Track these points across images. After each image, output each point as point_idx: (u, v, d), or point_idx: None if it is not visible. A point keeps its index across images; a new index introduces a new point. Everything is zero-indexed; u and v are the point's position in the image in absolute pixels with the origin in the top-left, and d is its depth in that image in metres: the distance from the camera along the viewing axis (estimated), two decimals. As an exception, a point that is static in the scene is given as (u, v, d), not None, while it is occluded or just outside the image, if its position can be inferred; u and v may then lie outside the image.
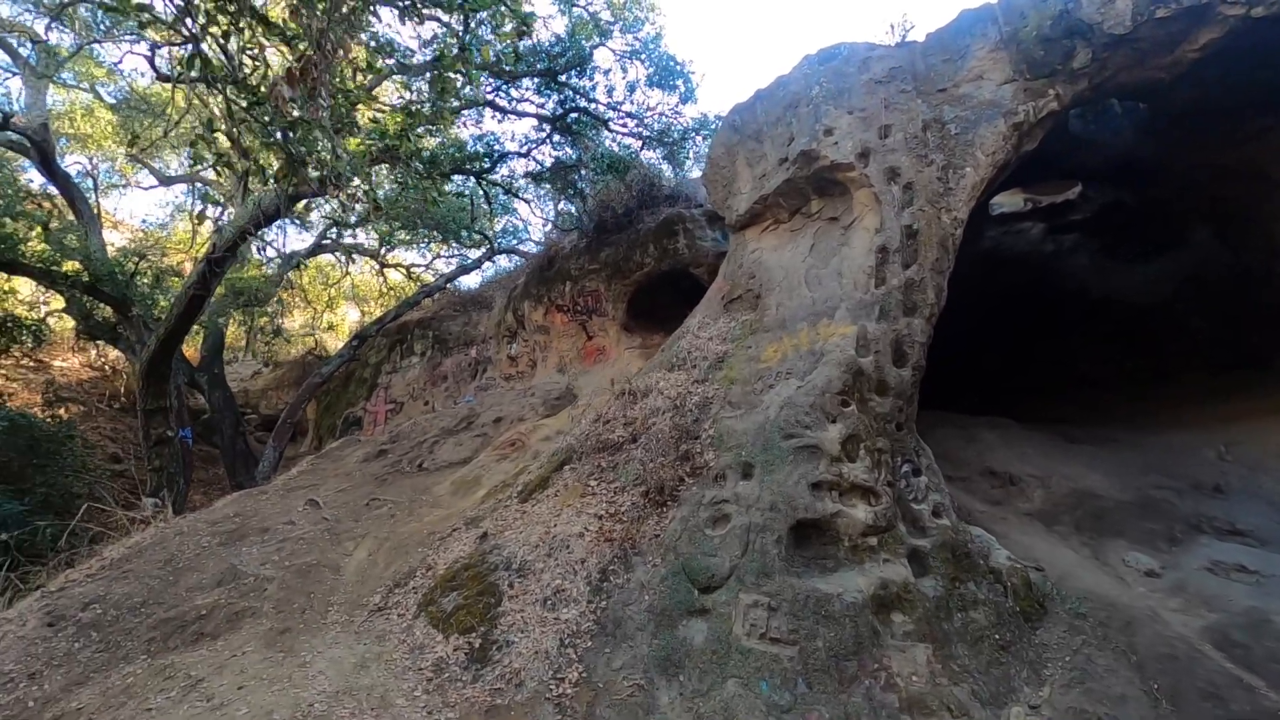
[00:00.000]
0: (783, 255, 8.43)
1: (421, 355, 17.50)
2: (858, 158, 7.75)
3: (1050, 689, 4.71)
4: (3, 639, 6.02)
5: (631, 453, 7.10)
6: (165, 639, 5.91)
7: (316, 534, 8.07)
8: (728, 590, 5.35)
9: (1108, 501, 7.36)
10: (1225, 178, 9.15)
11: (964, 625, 5.22)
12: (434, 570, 6.59)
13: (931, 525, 5.90)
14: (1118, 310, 12.12)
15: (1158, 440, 8.90)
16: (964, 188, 7.30)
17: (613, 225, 13.30)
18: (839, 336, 6.80)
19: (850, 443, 6.05)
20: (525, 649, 5.21)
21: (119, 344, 13.24)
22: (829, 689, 4.66)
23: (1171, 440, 8.81)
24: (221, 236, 10.09)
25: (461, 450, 11.17)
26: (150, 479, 11.33)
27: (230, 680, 4.91)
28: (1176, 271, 11.65)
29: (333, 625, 5.95)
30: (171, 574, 7.26)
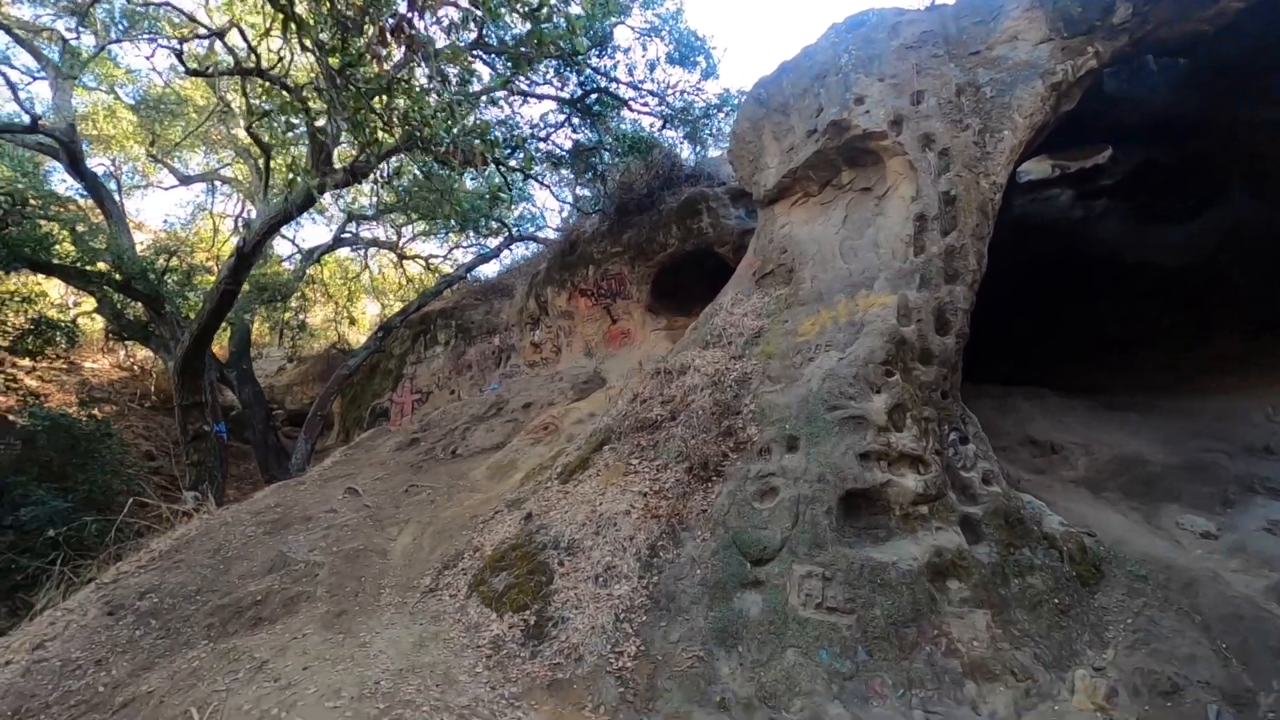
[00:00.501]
0: (814, 228, 8.33)
1: (445, 345, 17.59)
2: (890, 125, 7.63)
3: (1114, 651, 4.67)
4: (66, 628, 6.14)
5: (672, 430, 7.09)
6: (224, 624, 6.01)
7: (359, 521, 8.15)
8: (780, 562, 5.34)
9: (1155, 466, 7.26)
10: (1265, 133, 8.90)
11: (1021, 591, 5.18)
12: (481, 552, 6.64)
13: (982, 492, 5.85)
14: (1151, 273, 11.88)
15: (1202, 404, 8.75)
16: (1002, 151, 7.17)
17: (634, 207, 13.22)
18: (879, 306, 6.73)
19: (896, 412, 6.00)
20: (581, 624, 5.25)
21: (150, 342, 13.40)
22: (890, 656, 4.65)
23: (1216, 404, 8.65)
24: (250, 230, 10.14)
25: (493, 436, 11.23)
26: (189, 473, 11.50)
27: (294, 661, 4.98)
28: (1213, 230, 11.39)
29: (387, 607, 6.03)
30: (222, 563, 7.37)
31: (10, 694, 5.22)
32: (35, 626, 6.32)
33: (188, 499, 11.30)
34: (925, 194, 7.14)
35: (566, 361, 14.38)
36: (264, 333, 23.43)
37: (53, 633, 6.08)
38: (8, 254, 8.84)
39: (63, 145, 10.17)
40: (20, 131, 9.76)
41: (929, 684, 4.47)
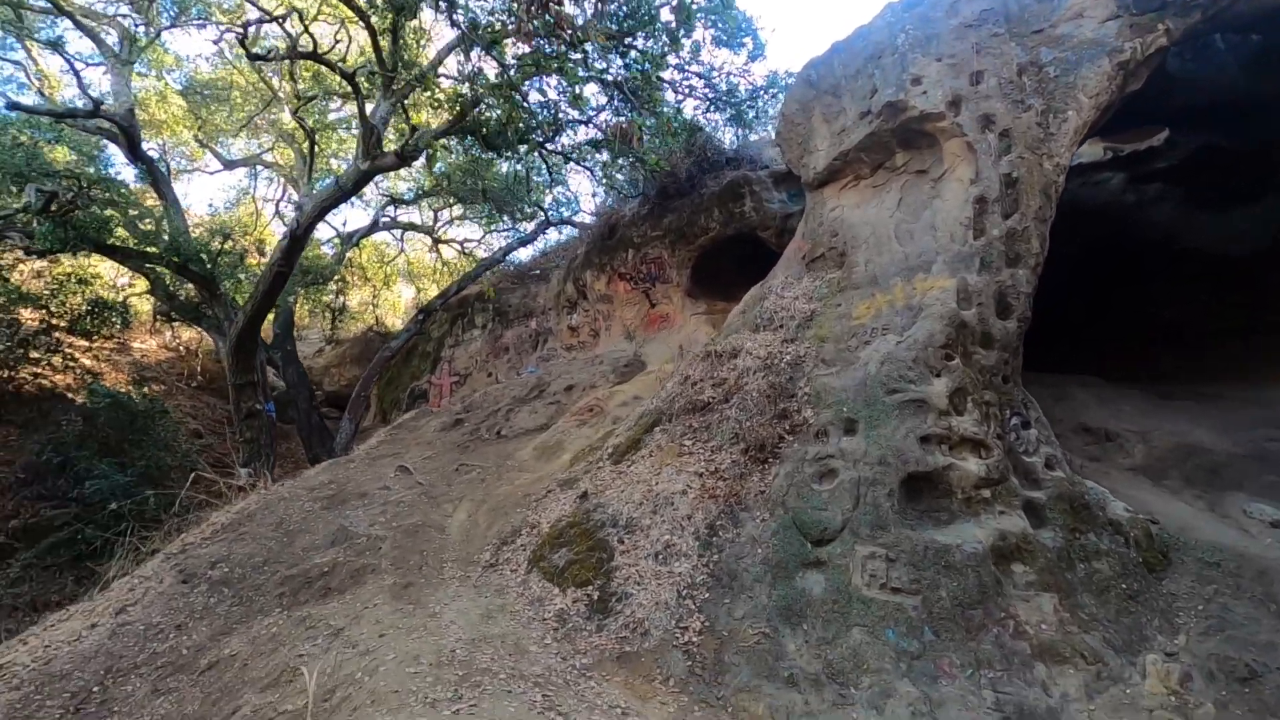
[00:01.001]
0: (867, 211, 8.26)
1: (482, 328, 17.78)
2: (948, 106, 7.51)
3: (1186, 637, 4.64)
4: (145, 594, 6.41)
5: (725, 412, 7.13)
6: (294, 594, 6.22)
7: (413, 498, 8.34)
8: (842, 543, 5.37)
9: (1219, 455, 7.13)
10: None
11: (1088, 575, 5.16)
12: (538, 529, 6.77)
13: (1045, 477, 5.82)
14: (1205, 260, 11.58)
15: (1262, 393, 8.56)
16: (1066, 132, 7.03)
17: (675, 191, 13.20)
18: (938, 290, 6.67)
19: (957, 396, 5.97)
20: (645, 600, 5.34)
21: (202, 323, 13.74)
22: (957, 637, 4.67)
23: (1277, 393, 8.45)
24: (302, 213, 10.33)
25: (537, 418, 11.37)
26: (242, 450, 11.84)
27: (369, 630, 5.15)
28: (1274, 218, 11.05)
29: (450, 580, 6.19)
30: (285, 536, 7.61)
31: (101, 654, 5.48)
32: (114, 593, 6.60)
33: (242, 475, 11.63)
34: (985, 176, 7.03)
35: (605, 345, 14.46)
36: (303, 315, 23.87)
37: (133, 599, 6.35)
38: (76, 236, 9.13)
39: (122, 130, 10.43)
40: (83, 116, 10.04)
41: (998, 665, 4.49)
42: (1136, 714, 4.16)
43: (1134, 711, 4.18)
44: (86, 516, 11.58)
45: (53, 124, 10.58)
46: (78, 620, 6.10)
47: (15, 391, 13.63)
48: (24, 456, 12.56)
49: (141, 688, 5.13)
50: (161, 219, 11.82)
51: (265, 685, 4.68)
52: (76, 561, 11.36)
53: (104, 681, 5.20)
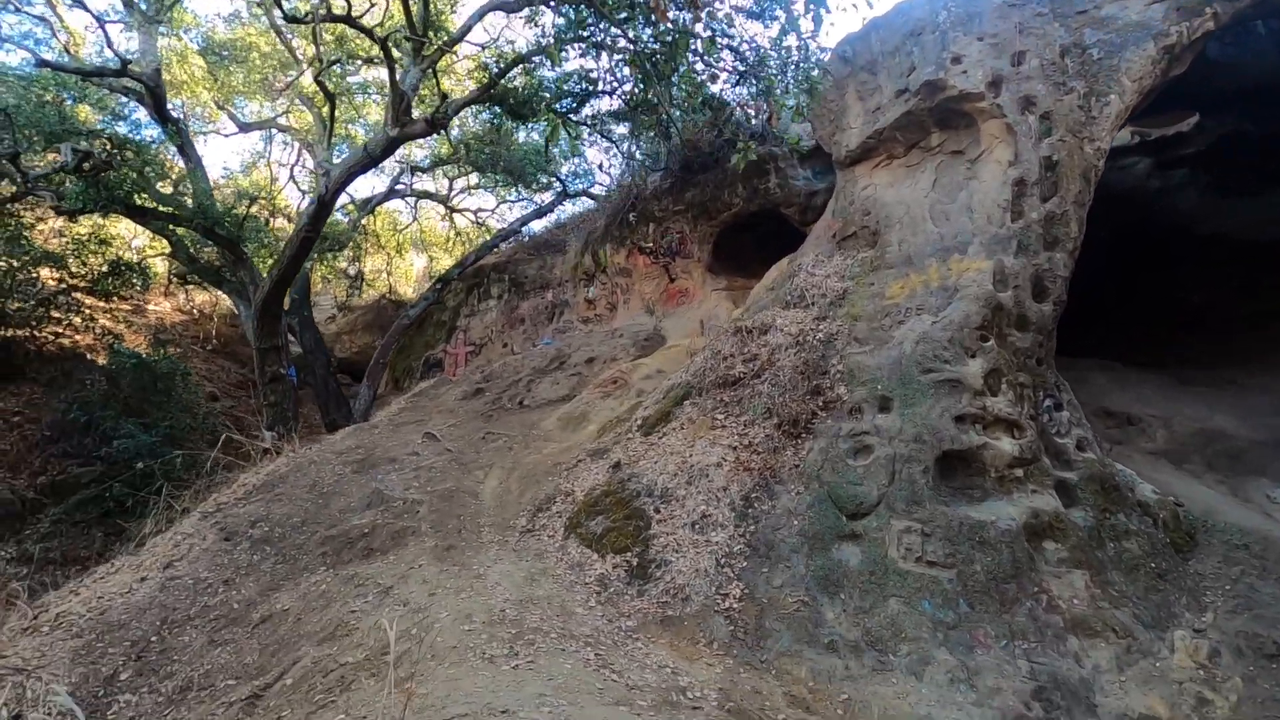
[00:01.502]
0: (900, 191, 8.27)
1: (498, 299, 17.81)
2: (988, 87, 7.48)
3: (1213, 615, 4.80)
4: (190, 550, 6.58)
5: (757, 387, 7.23)
6: (337, 553, 6.39)
7: (443, 464, 8.48)
8: (877, 517, 5.51)
9: (1241, 441, 7.26)
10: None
11: (1117, 554, 5.30)
12: (573, 497, 6.91)
13: (1077, 458, 5.94)
14: (1234, 245, 11.59)
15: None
16: (1108, 116, 7.03)
17: (698, 165, 13.15)
18: (974, 271, 6.72)
19: (992, 377, 6.06)
20: (684, 567, 5.50)
21: (223, 287, 13.80)
22: (991, 609, 4.83)
23: (1299, 382, 8.54)
24: (330, 178, 10.32)
25: (559, 389, 11.48)
26: (266, 413, 11.97)
27: (417, 589, 5.31)
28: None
29: (489, 544, 6.35)
30: (320, 497, 7.77)
31: (154, 606, 5.66)
32: (159, 548, 6.77)
33: (267, 438, 11.78)
34: (1025, 158, 7.04)
35: (623, 318, 14.51)
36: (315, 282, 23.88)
37: (178, 554, 6.52)
38: (107, 197, 9.13)
39: (149, 89, 10.37)
40: (111, 75, 9.97)
41: (1031, 636, 4.65)
42: (1166, 686, 4.32)
43: (1163, 684, 4.35)
44: (112, 475, 11.76)
45: (78, 82, 10.51)
46: (126, 574, 6.27)
47: (38, 350, 13.72)
48: (49, 415, 12.70)
49: (198, 639, 5.31)
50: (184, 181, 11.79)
51: (321, 639, 4.85)
52: (104, 518, 11.55)
53: (160, 632, 5.38)
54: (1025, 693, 4.26)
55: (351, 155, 10.85)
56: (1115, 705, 4.21)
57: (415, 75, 9.91)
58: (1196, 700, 4.21)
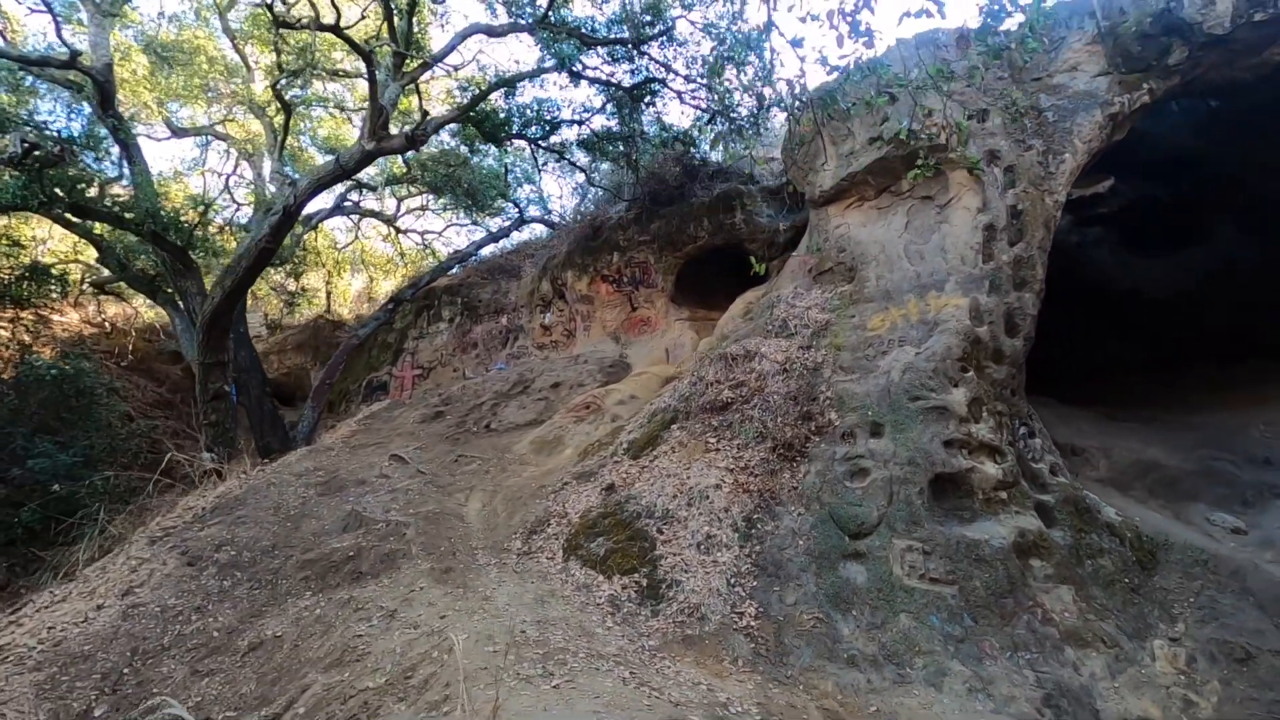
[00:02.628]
0: (875, 230, 8.78)
1: (450, 322, 17.45)
2: (956, 140, 8.12)
3: (1185, 625, 5.24)
4: (150, 576, 6.06)
5: (747, 412, 7.41)
6: (321, 576, 6.03)
7: (419, 486, 8.19)
8: (879, 536, 5.74)
9: (1174, 470, 7.98)
10: (1272, 176, 9.80)
11: (1095, 571, 5.72)
12: (567, 519, 6.82)
13: (1051, 482, 6.40)
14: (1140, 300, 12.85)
15: (1201, 419, 9.59)
16: (1063, 172, 7.77)
17: (663, 198, 13.47)
18: (952, 307, 7.21)
19: (974, 405, 6.48)
20: (696, 587, 5.52)
21: (157, 297, 12.92)
22: (993, 623, 5.10)
23: (1215, 418, 9.50)
24: (296, 189, 9.93)
25: (525, 413, 11.33)
26: (205, 433, 11.18)
27: (424, 611, 5.09)
28: (1199, 265, 12.39)
29: (488, 566, 6.15)
30: (288, 520, 7.34)
31: (121, 636, 5.17)
32: (112, 575, 6.21)
33: (206, 458, 10.99)
34: (993, 206, 7.66)
35: (582, 345, 14.52)
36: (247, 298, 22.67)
37: (136, 580, 6.01)
38: (48, 194, 8.42)
39: (97, 85, 9.71)
40: (58, 66, 9.28)
41: (1033, 647, 4.93)
42: (1155, 691, 4.68)
43: (1153, 689, 4.70)
44: (19, 499, 10.66)
45: (11, 73, 9.75)
46: (78, 602, 5.70)
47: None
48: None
49: (178, 669, 4.87)
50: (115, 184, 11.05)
51: (328, 665, 4.56)
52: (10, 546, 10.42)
53: (133, 663, 4.90)
54: (1036, 700, 4.51)
55: (321, 167, 10.52)
56: (1114, 709, 4.52)
57: (395, 90, 9.79)
58: (1183, 703, 4.58)
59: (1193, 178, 11.42)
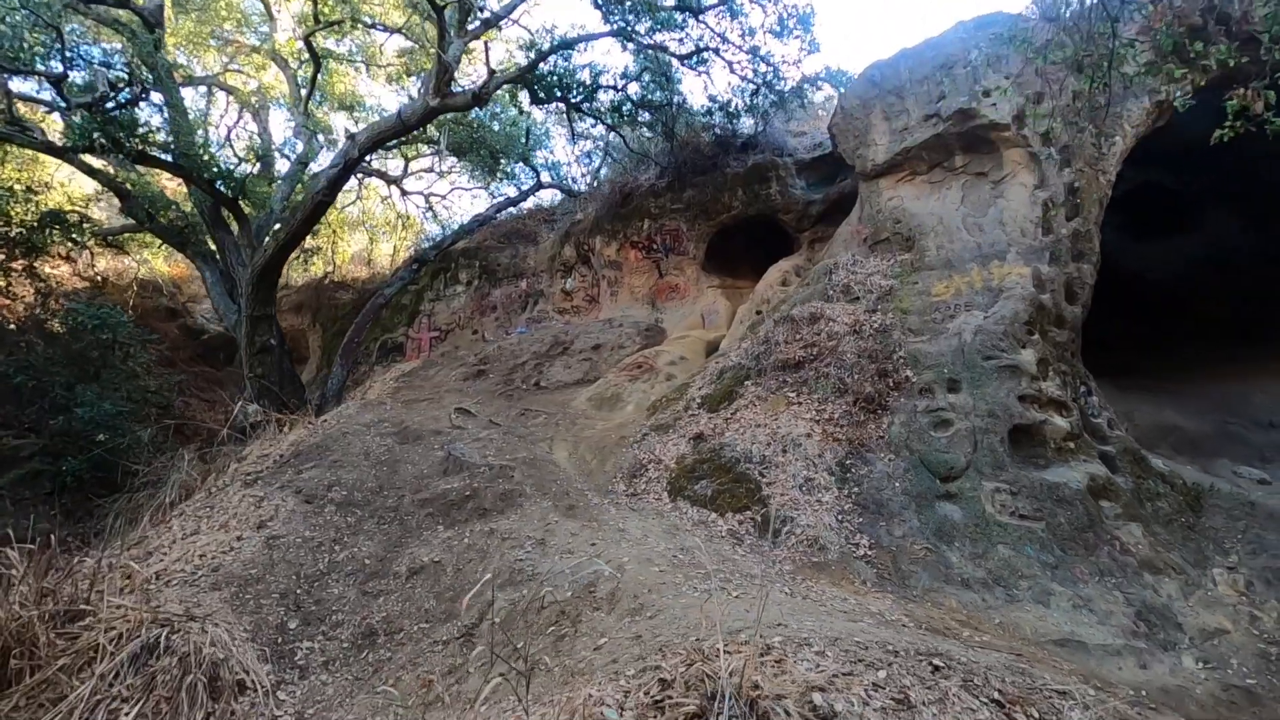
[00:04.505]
0: (929, 203, 9.29)
1: (467, 285, 17.50)
2: (1014, 119, 8.65)
3: (1238, 556, 5.97)
4: (276, 512, 6.26)
5: (821, 369, 7.89)
6: (445, 513, 6.33)
7: (498, 436, 8.47)
8: (968, 479, 6.31)
9: (1193, 432, 8.80)
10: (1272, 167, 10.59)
11: (1154, 511, 6.41)
12: (663, 464, 7.24)
13: (1111, 435, 7.07)
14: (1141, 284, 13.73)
15: (1205, 389, 10.47)
16: (1114, 154, 8.37)
17: (696, 167, 13.77)
18: (1016, 275, 7.78)
19: (1042, 365, 7.09)
20: (810, 522, 6.02)
21: (187, 249, 12.71)
22: (1079, 553, 5.73)
23: (1217, 389, 10.39)
24: (355, 143, 9.92)
25: (572, 373, 11.64)
26: (250, 385, 11.19)
27: (570, 540, 5.45)
28: (1194, 251, 13.30)
29: (603, 505, 6.54)
30: (382, 465, 7.56)
31: (278, 563, 5.41)
32: (234, 511, 6.38)
33: (250, 411, 11.02)
34: (1051, 183, 8.22)
35: (609, 310, 14.80)
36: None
37: (264, 515, 6.22)
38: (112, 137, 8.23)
39: (148, 25, 9.47)
40: (112, 5, 9.03)
41: (1116, 573, 5.58)
42: (1224, 609, 5.38)
43: (1221, 606, 5.40)
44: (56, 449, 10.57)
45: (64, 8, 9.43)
46: (216, 534, 5.89)
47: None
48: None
49: (348, 591, 5.16)
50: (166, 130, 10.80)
51: (502, 584, 4.91)
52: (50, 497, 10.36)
53: (301, 585, 5.16)
54: (1130, 615, 5.15)
55: (382, 121, 10.48)
56: (1195, 623, 5.20)
57: (458, 46, 9.82)
58: (1249, 618, 5.28)
59: (1196, 166, 12.22)
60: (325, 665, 4.40)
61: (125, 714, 3.63)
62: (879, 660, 3.50)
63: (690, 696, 3.12)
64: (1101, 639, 4.87)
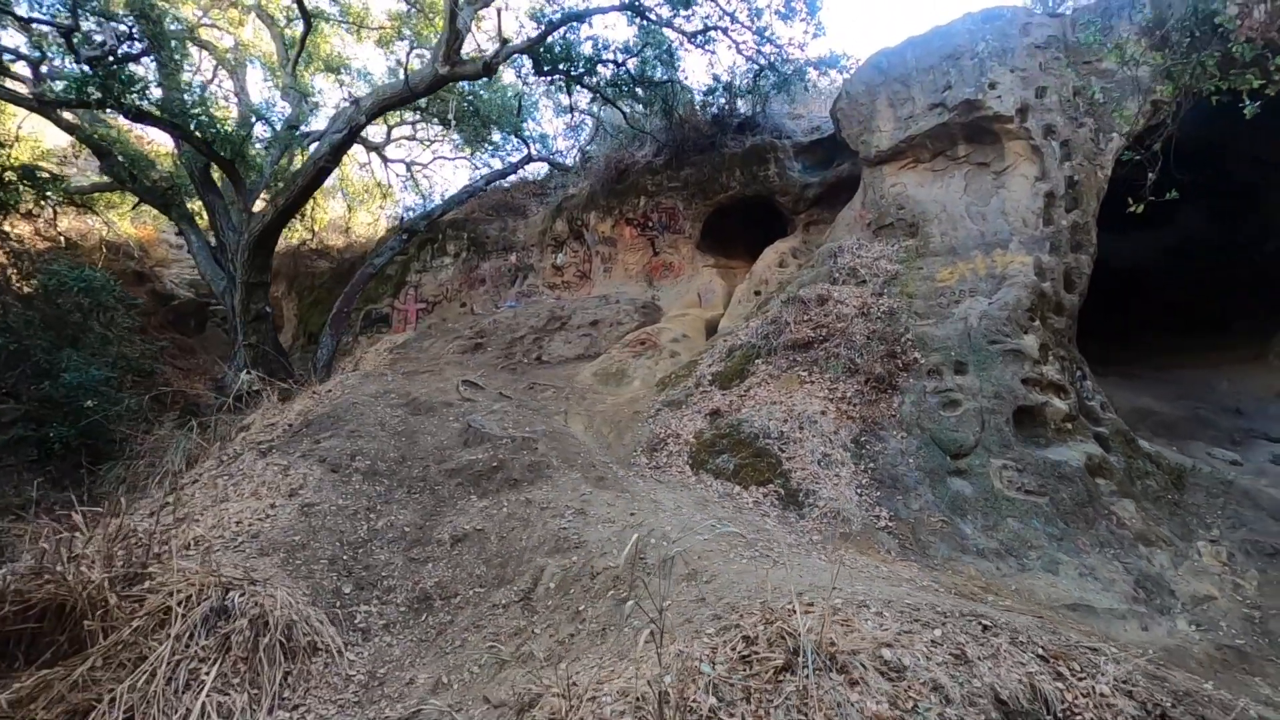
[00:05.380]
0: (933, 191, 9.58)
1: (455, 257, 17.29)
2: (1017, 112, 8.95)
3: (1219, 531, 6.46)
4: (305, 480, 6.27)
5: (830, 349, 8.15)
6: (475, 483, 6.42)
7: (511, 409, 8.54)
8: (977, 456, 6.67)
9: (1169, 416, 9.37)
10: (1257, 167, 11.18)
11: (1144, 489, 6.87)
12: (681, 438, 7.44)
13: (1104, 417, 7.51)
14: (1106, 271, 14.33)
15: (1172, 376, 11.12)
16: (1110, 150, 8.74)
17: (693, 146, 13.83)
18: (1018, 264, 8.13)
19: (1043, 350, 7.47)
20: (831, 495, 6.30)
21: (171, 212, 12.30)
22: (1080, 526, 6.14)
23: (1184, 376, 11.05)
24: (359, 108, 9.71)
25: (572, 348, 11.71)
26: (244, 354, 10.98)
27: (608, 510, 5.61)
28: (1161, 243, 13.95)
29: (630, 477, 6.70)
30: (399, 435, 7.58)
31: (320, 530, 5.46)
32: (259, 479, 6.37)
33: (243, 380, 10.83)
34: (1052, 176, 8.57)
35: (602, 286, 14.85)
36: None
37: (292, 484, 6.24)
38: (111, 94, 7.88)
39: (141, -22, 9.07)
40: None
41: (1114, 545, 6.00)
42: (1210, 577, 5.85)
43: (1207, 576, 5.87)
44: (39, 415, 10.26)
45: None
46: (247, 501, 5.89)
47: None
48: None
49: (394, 558, 5.24)
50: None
51: (549, 551, 5.05)
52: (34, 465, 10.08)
53: (347, 552, 5.22)
54: (1130, 582, 5.57)
55: (388, 87, 10.26)
56: (1186, 590, 5.66)
57: (469, 14, 9.66)
58: (1233, 586, 5.76)
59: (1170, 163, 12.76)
60: (386, 628, 4.50)
61: (205, 674, 3.69)
62: (932, 620, 3.76)
63: (775, 651, 3.34)
64: (1107, 604, 5.28)
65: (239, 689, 3.65)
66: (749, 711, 2.98)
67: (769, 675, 3.18)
